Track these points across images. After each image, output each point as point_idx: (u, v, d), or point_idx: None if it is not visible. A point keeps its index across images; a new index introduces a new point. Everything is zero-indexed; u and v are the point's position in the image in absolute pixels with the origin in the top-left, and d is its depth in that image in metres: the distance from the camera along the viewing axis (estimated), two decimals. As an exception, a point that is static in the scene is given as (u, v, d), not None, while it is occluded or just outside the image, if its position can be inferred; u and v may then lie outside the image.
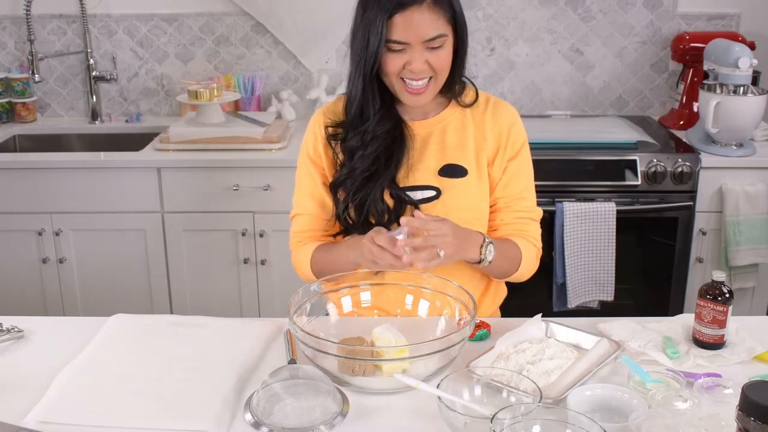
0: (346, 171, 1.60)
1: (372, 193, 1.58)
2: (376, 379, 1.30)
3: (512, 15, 3.06)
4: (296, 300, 1.43)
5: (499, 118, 1.66)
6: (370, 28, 1.47)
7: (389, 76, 1.53)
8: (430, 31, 1.48)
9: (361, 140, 1.59)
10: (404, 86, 1.54)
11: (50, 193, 2.70)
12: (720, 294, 1.41)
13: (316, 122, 1.68)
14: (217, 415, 1.23)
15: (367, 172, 1.59)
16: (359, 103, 1.57)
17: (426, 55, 1.50)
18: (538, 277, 1.77)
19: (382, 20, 1.46)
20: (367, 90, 1.55)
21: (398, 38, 1.48)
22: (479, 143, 1.64)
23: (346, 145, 1.61)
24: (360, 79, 1.54)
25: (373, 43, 1.48)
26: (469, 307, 1.39)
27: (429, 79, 1.53)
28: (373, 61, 1.50)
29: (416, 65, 1.49)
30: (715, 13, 3.05)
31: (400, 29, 1.47)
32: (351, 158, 1.60)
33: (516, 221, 1.67)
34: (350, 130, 1.60)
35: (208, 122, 2.80)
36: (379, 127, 1.58)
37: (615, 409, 1.22)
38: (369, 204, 1.58)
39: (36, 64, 2.95)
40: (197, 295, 2.79)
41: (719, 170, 2.63)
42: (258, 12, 3.05)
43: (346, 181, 1.60)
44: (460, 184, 1.62)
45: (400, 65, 1.51)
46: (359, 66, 1.53)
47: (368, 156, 1.58)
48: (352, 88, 1.57)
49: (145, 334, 1.50)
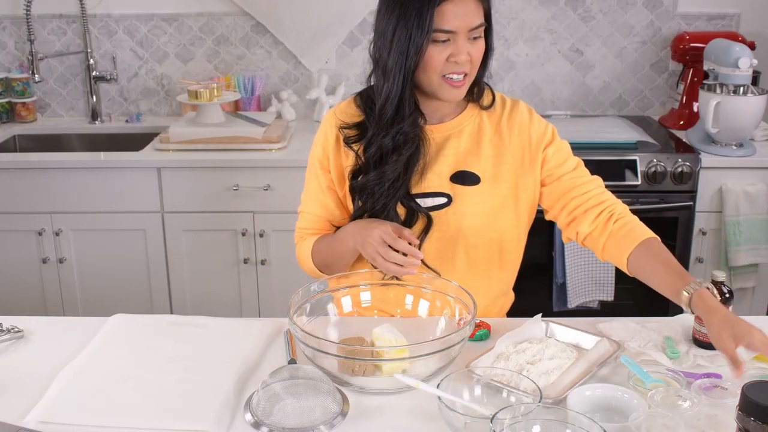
0: (376, 177, 1.54)
1: (391, 202, 1.54)
2: (376, 379, 1.30)
3: (512, 15, 3.06)
4: (296, 300, 1.43)
5: (514, 120, 1.62)
6: (414, 20, 1.43)
7: (430, 71, 1.48)
8: (475, 18, 1.47)
9: (394, 141, 1.53)
10: (445, 80, 1.50)
11: (50, 193, 2.70)
12: (720, 294, 1.41)
13: (328, 124, 1.64)
14: (217, 415, 1.23)
15: (396, 179, 1.54)
16: (397, 102, 1.51)
17: (468, 46, 1.48)
18: (538, 277, 1.77)
19: (429, 10, 1.43)
20: (406, 88, 1.50)
21: (447, 27, 1.45)
22: (498, 149, 1.60)
23: (377, 145, 1.54)
24: (401, 75, 1.48)
25: (418, 35, 1.44)
26: (469, 307, 1.39)
27: (464, 75, 1.51)
28: (417, 54, 1.45)
29: (461, 56, 1.47)
30: (715, 13, 3.05)
31: (449, 18, 1.44)
32: (379, 161, 1.54)
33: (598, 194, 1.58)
34: (380, 130, 1.54)
35: (208, 122, 2.80)
36: (412, 129, 1.53)
37: (615, 409, 1.22)
38: (383, 212, 1.55)
39: (36, 64, 2.95)
40: (197, 295, 2.79)
41: (719, 170, 2.63)
42: (258, 12, 3.05)
43: (375, 187, 1.55)
44: (472, 191, 1.58)
45: (444, 58, 1.47)
46: (400, 61, 1.47)
47: (401, 161, 1.53)
48: (392, 86, 1.49)
49: (145, 334, 1.50)
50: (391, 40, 1.47)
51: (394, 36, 1.46)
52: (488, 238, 1.62)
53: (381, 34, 1.50)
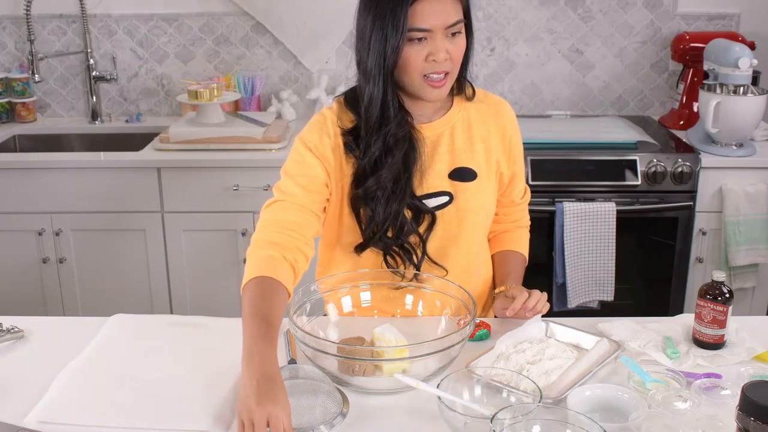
0: (375, 182, 1.50)
1: (402, 207, 1.52)
2: (376, 379, 1.30)
3: (512, 15, 3.06)
4: (296, 300, 1.43)
5: (500, 119, 1.64)
6: (388, 20, 1.41)
7: (410, 71, 1.46)
8: (451, 15, 1.44)
9: (384, 145, 1.51)
10: (426, 80, 1.48)
11: (50, 193, 2.70)
12: (720, 294, 1.41)
13: (329, 122, 1.56)
14: (217, 415, 1.23)
15: (396, 180, 1.51)
16: (381, 106, 1.48)
17: (446, 44, 1.45)
18: (538, 277, 1.78)
19: (403, 9, 1.41)
20: (387, 90, 1.48)
21: (422, 26, 1.42)
22: (486, 143, 1.62)
23: (370, 152, 1.50)
24: (381, 77, 1.46)
25: (393, 36, 1.42)
26: (469, 307, 1.39)
27: (445, 74, 1.49)
28: (394, 55, 1.43)
29: (440, 54, 1.44)
30: (715, 13, 3.05)
31: (424, 16, 1.42)
32: (375, 167, 1.51)
33: (516, 212, 1.76)
34: (371, 135, 1.51)
35: (208, 122, 2.80)
36: (400, 130, 1.51)
37: (615, 409, 1.22)
38: (396, 219, 1.53)
39: (36, 64, 2.95)
40: (197, 295, 2.79)
41: (719, 170, 2.63)
42: (258, 12, 3.05)
43: (377, 192, 1.51)
44: (471, 187, 1.59)
45: (423, 57, 1.44)
46: (378, 63, 1.45)
47: (396, 162, 1.51)
48: (373, 89, 1.47)
49: (145, 334, 1.50)
50: (369, 41, 1.45)
51: (372, 37, 1.45)
52: (485, 230, 1.67)
53: (360, 36, 1.49)
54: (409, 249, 1.57)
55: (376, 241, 1.55)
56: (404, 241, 1.55)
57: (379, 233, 1.53)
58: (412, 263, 1.57)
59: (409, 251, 1.57)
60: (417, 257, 1.57)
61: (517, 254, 1.74)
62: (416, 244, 1.57)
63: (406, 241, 1.56)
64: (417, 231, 1.56)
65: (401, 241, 1.55)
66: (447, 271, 1.60)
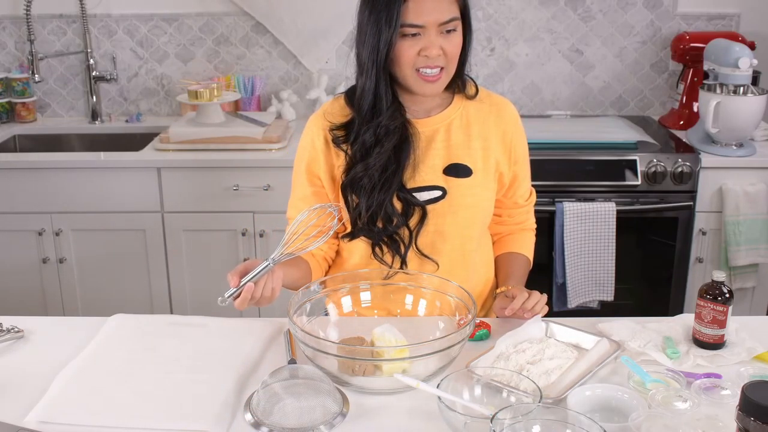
0: (362, 168, 1.55)
1: (387, 197, 1.55)
2: (376, 379, 1.30)
3: (512, 15, 3.06)
4: (296, 300, 1.43)
5: (502, 119, 1.65)
6: (383, 14, 1.45)
7: (403, 65, 1.50)
8: (445, 13, 1.47)
9: (375, 135, 1.55)
10: (419, 75, 1.51)
11: (50, 193, 2.70)
12: (720, 294, 1.41)
13: (315, 127, 1.64)
14: (217, 415, 1.23)
15: (384, 170, 1.55)
16: (372, 97, 1.53)
17: (440, 40, 1.48)
18: (538, 277, 1.78)
19: (397, 5, 1.44)
20: (380, 83, 1.52)
21: (415, 21, 1.46)
22: (486, 141, 1.63)
23: (360, 141, 1.56)
24: (373, 70, 1.50)
25: (387, 30, 1.46)
26: (469, 307, 1.39)
27: (440, 69, 1.51)
28: (387, 49, 1.47)
29: (432, 50, 1.47)
30: (715, 13, 3.05)
31: (417, 12, 1.45)
32: (365, 155, 1.56)
33: (520, 214, 1.76)
34: (362, 125, 1.56)
35: (208, 122, 2.80)
36: (392, 122, 1.55)
37: (615, 409, 1.22)
38: (381, 208, 1.55)
39: (36, 64, 2.95)
40: (197, 295, 2.79)
41: (719, 170, 2.63)
42: (258, 12, 3.05)
43: (363, 179, 1.55)
44: (465, 183, 1.61)
45: (415, 52, 1.48)
46: (371, 56, 1.49)
47: (385, 152, 1.54)
48: (366, 81, 1.53)
49: (145, 334, 1.50)
50: (365, 35, 1.50)
51: (367, 31, 1.49)
52: (481, 228, 1.67)
53: (358, 30, 1.54)
54: (397, 240, 1.59)
55: (364, 231, 1.58)
56: (393, 232, 1.57)
57: (365, 222, 1.57)
58: (399, 254, 1.59)
59: (398, 242, 1.59)
60: (404, 248, 1.59)
61: (520, 256, 1.74)
62: (406, 236, 1.59)
63: (395, 233, 1.58)
64: (406, 224, 1.58)
65: (389, 231, 1.57)
66: (438, 266, 1.61)
